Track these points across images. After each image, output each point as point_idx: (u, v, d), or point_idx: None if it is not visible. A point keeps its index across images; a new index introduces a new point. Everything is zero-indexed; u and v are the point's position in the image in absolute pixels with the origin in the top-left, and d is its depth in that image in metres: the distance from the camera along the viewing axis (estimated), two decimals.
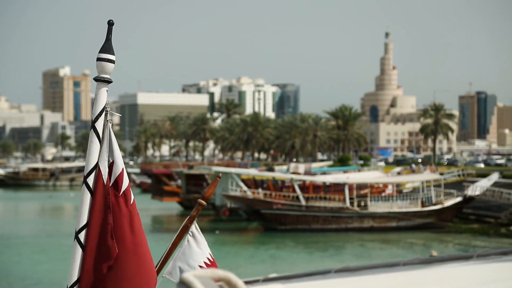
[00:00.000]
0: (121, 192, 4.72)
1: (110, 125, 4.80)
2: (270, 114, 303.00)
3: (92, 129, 4.75)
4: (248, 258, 43.01)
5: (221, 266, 3.96)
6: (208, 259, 5.10)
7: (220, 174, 5.47)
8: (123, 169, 4.77)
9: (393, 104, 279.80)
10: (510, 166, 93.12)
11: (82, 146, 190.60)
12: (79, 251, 4.67)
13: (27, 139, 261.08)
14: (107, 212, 4.67)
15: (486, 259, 3.66)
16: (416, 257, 3.69)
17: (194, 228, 5.15)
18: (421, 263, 3.58)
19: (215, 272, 2.33)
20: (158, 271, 5.02)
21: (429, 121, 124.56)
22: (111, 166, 4.73)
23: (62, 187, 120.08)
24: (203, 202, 5.09)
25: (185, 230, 5.09)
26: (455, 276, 3.29)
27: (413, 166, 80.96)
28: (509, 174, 70.49)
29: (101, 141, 4.74)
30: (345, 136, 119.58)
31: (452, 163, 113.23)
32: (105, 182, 4.69)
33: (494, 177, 59.10)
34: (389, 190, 61.87)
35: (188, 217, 5.12)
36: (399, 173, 71.10)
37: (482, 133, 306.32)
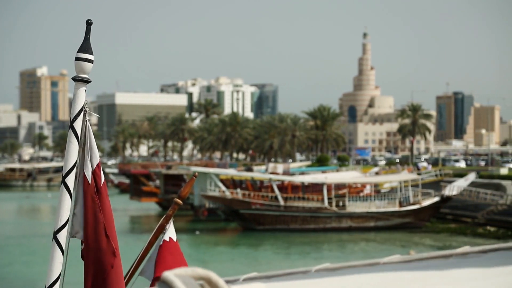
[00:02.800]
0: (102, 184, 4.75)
1: (89, 125, 4.79)
2: (249, 114, 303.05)
3: (70, 129, 4.74)
4: (227, 258, 43.00)
5: (201, 265, 3.96)
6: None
7: (196, 174, 5.48)
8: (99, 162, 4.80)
9: (371, 104, 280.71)
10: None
11: (60, 147, 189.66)
12: (57, 251, 4.65)
13: (4, 139, 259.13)
14: (97, 211, 4.67)
15: (465, 257, 3.69)
16: (396, 256, 3.71)
17: (169, 226, 5.15)
18: (401, 262, 3.60)
19: (195, 271, 2.33)
20: (135, 271, 5.02)
21: (407, 121, 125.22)
22: (98, 166, 4.73)
23: (39, 188, 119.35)
24: (179, 201, 5.09)
25: (161, 229, 5.09)
26: (435, 274, 3.31)
27: (419, 164, 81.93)
28: (486, 174, 70.99)
29: (79, 141, 4.73)
30: (323, 136, 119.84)
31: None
32: (89, 183, 4.69)
33: (471, 177, 59.49)
34: (367, 190, 62.07)
35: (164, 216, 5.12)
36: (377, 173, 71.38)
37: (459, 133, 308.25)
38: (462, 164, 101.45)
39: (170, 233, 5.06)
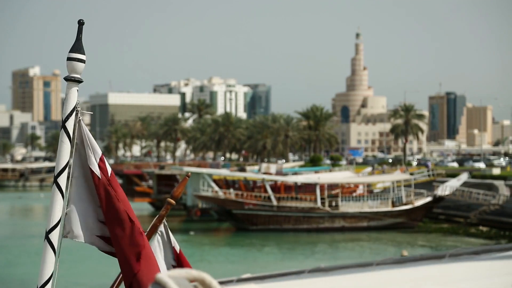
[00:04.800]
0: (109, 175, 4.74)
1: (83, 124, 4.78)
2: (242, 114, 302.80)
3: (62, 129, 4.72)
4: (221, 258, 42.99)
5: (195, 266, 3.96)
6: (174, 259, 5.08)
7: (189, 174, 5.48)
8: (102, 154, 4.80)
9: (364, 105, 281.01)
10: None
11: (52, 147, 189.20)
12: (49, 251, 4.64)
13: None
14: (115, 202, 4.65)
15: (458, 258, 3.69)
16: (389, 257, 3.70)
17: (163, 227, 5.13)
18: (394, 263, 3.59)
19: (189, 272, 2.32)
20: None
21: (400, 121, 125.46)
22: (102, 160, 4.72)
23: (32, 188, 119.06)
24: (172, 201, 5.08)
25: (154, 229, 5.08)
26: (428, 275, 3.30)
27: (428, 164, 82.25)
28: (478, 174, 71.10)
29: (71, 141, 4.71)
30: (316, 136, 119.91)
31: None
32: (100, 178, 4.67)
33: (464, 177, 59.57)
34: (360, 190, 62.12)
35: (157, 216, 5.10)
36: (370, 173, 71.46)
37: (451, 133, 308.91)
38: (482, 165, 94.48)
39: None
